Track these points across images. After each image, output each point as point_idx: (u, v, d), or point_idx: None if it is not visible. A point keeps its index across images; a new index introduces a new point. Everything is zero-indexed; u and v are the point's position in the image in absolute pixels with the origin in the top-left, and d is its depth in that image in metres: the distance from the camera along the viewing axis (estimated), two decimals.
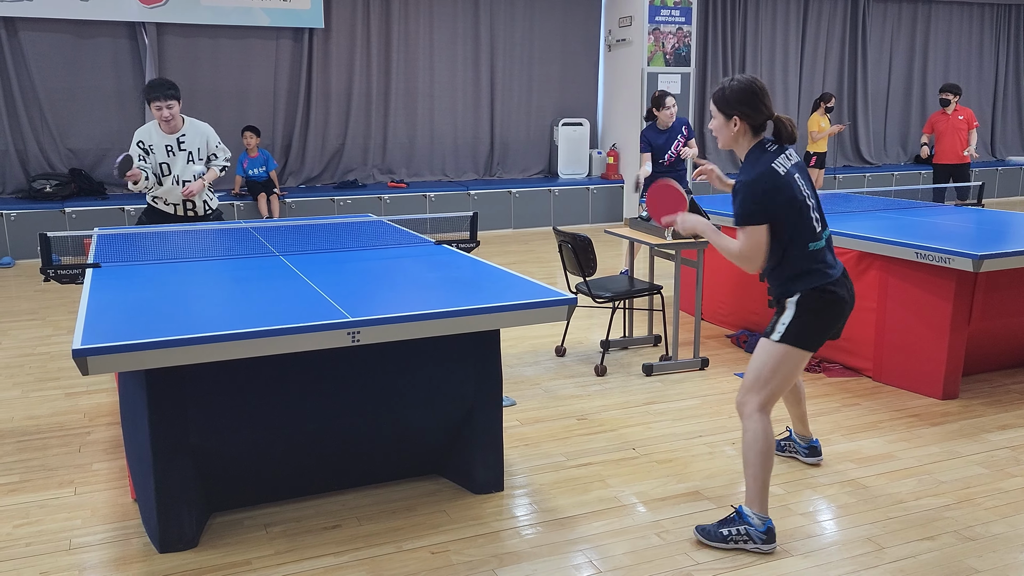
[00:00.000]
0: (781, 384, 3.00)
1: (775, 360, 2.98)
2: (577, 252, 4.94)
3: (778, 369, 2.98)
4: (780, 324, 2.99)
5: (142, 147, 4.99)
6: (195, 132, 5.09)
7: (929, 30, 13.40)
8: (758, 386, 3.01)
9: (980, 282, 4.39)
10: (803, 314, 2.96)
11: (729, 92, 2.98)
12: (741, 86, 2.96)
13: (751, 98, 2.95)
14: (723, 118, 3.01)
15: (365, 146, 10.56)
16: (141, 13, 9.10)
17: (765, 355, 3.00)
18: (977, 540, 3.08)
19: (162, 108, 4.89)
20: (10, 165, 9.19)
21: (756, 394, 3.00)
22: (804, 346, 2.98)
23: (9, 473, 3.68)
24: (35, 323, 6.24)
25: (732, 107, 2.97)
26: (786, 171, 2.93)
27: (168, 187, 5.08)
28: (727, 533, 3.01)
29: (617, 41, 11.07)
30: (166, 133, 5.01)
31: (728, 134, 3.03)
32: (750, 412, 3.01)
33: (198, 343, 2.62)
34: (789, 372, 3.00)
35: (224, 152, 5.25)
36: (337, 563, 2.94)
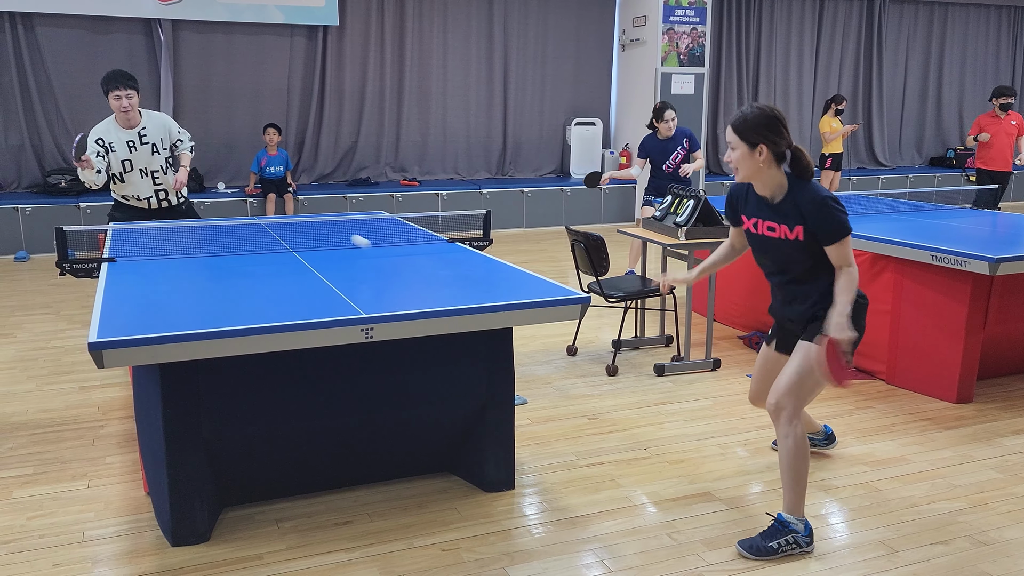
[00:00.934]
0: (816, 391, 2.99)
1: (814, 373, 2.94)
2: (589, 251, 4.94)
3: (816, 381, 2.96)
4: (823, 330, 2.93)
5: (101, 144, 4.85)
6: (154, 124, 4.96)
7: (945, 32, 13.32)
8: (800, 392, 2.94)
9: (996, 285, 4.36)
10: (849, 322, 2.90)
11: (753, 120, 2.87)
12: (765, 113, 2.87)
13: (776, 124, 2.86)
14: (746, 148, 2.88)
15: (378, 144, 10.58)
16: (157, 9, 9.14)
17: (805, 360, 2.93)
18: (991, 545, 3.06)
19: (121, 98, 4.76)
20: (26, 160, 9.26)
21: (796, 398, 2.94)
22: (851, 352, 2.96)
23: (23, 465, 3.71)
24: (49, 317, 6.28)
25: (758, 134, 2.86)
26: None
27: (136, 181, 4.96)
28: (776, 546, 2.96)
29: (631, 41, 11.05)
30: (124, 128, 4.89)
31: (752, 165, 2.90)
32: (789, 417, 2.94)
33: (212, 338, 2.63)
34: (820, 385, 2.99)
35: (185, 134, 5.13)
36: (348, 559, 2.95)
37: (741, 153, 2.90)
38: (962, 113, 13.68)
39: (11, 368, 5.08)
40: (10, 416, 4.30)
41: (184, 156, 5.10)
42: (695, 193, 5.01)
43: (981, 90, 13.74)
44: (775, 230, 2.99)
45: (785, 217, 2.94)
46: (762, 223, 3.03)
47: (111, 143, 4.88)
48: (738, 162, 2.92)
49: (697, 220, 4.94)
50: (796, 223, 2.92)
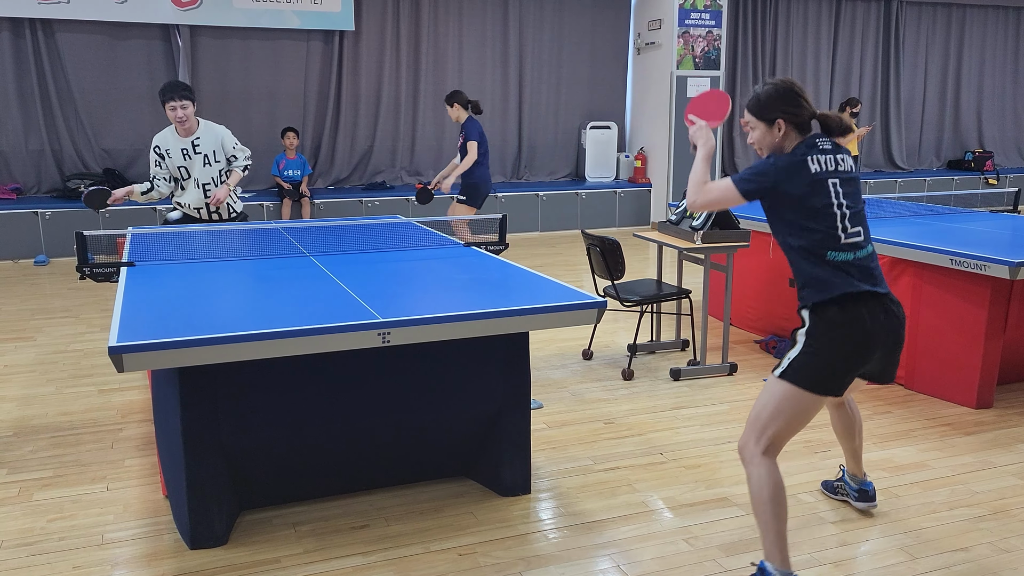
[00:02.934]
0: (785, 429, 2.66)
1: (777, 400, 2.65)
2: (605, 255, 4.93)
3: (780, 411, 2.64)
4: (786, 359, 2.69)
5: (158, 152, 5.02)
6: (209, 134, 5.06)
7: (963, 34, 13.22)
8: (758, 428, 2.68)
9: (1016, 290, 4.32)
10: (810, 346, 2.64)
11: (766, 96, 2.79)
12: (777, 87, 2.79)
13: (791, 95, 2.77)
14: (764, 126, 2.80)
15: (394, 148, 10.61)
16: (175, 15, 9.21)
17: (767, 394, 2.69)
18: (1012, 552, 3.03)
19: (176, 108, 4.88)
20: (46, 165, 9.35)
21: (756, 438, 2.67)
22: (810, 387, 2.62)
23: (43, 468, 3.74)
24: (69, 320, 6.34)
25: (773, 111, 2.77)
26: (819, 171, 2.69)
27: (191, 190, 5.08)
28: None
29: (646, 44, 11.03)
30: (181, 136, 5.01)
31: (772, 140, 2.80)
32: (750, 456, 2.68)
33: (231, 342, 2.65)
34: (794, 416, 2.64)
35: (243, 152, 5.20)
36: (365, 563, 2.96)
37: (760, 132, 2.83)
38: (981, 116, 13.57)
39: (32, 371, 5.13)
40: (31, 419, 4.34)
41: (235, 174, 5.12)
42: None
43: (1000, 92, 13.63)
44: None
45: None
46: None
47: (168, 150, 5.02)
48: (759, 141, 2.84)
49: (714, 224, 4.93)
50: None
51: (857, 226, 2.73)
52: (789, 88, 2.79)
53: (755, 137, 2.85)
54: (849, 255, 2.69)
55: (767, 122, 2.80)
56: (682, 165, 10.73)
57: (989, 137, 13.65)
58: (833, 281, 2.66)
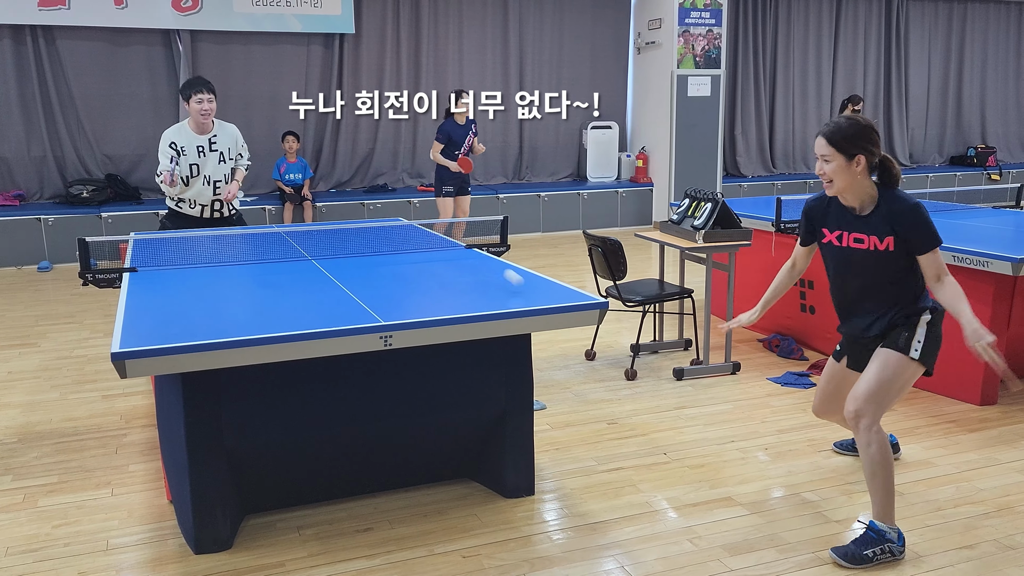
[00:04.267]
0: (897, 399, 3.04)
1: (907, 376, 2.98)
2: (607, 256, 4.93)
3: (906, 385, 3.00)
4: (916, 341, 2.96)
5: (175, 148, 4.98)
6: (225, 133, 5.12)
7: (965, 30, 13.19)
8: (881, 399, 2.95)
9: (1019, 286, 4.31)
10: (932, 334, 2.99)
11: (851, 131, 2.86)
12: (858, 123, 2.87)
13: (872, 134, 2.87)
14: (844, 159, 2.86)
15: (395, 150, 10.62)
16: (176, 20, 9.23)
17: (897, 370, 2.95)
18: (1018, 549, 3.03)
19: (203, 101, 4.92)
20: (48, 171, 9.37)
21: (878, 406, 2.94)
22: (930, 365, 3.02)
23: (48, 474, 3.75)
24: (72, 326, 6.35)
25: (858, 146, 2.85)
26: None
27: (198, 188, 5.07)
28: (872, 555, 2.91)
29: (647, 44, 11.03)
30: (197, 134, 5.02)
31: (850, 176, 2.89)
32: (869, 424, 2.92)
33: (233, 347, 2.65)
34: (906, 389, 3.04)
35: (247, 152, 5.30)
36: (369, 566, 2.96)
37: (838, 165, 2.87)
38: (984, 111, 13.54)
39: (36, 377, 5.14)
40: (35, 425, 4.35)
41: (239, 171, 5.22)
42: (713, 196, 4.99)
43: (1002, 88, 13.60)
44: (863, 242, 2.97)
45: (874, 228, 2.94)
46: (847, 235, 3.01)
47: (183, 147, 5.00)
48: (833, 174, 2.89)
49: (715, 223, 4.92)
50: (886, 234, 2.92)
51: None
52: (870, 127, 2.89)
53: (829, 169, 2.90)
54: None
55: (847, 155, 2.86)
56: (683, 164, 10.72)
57: (992, 133, 13.62)
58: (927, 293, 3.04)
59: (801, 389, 4.73)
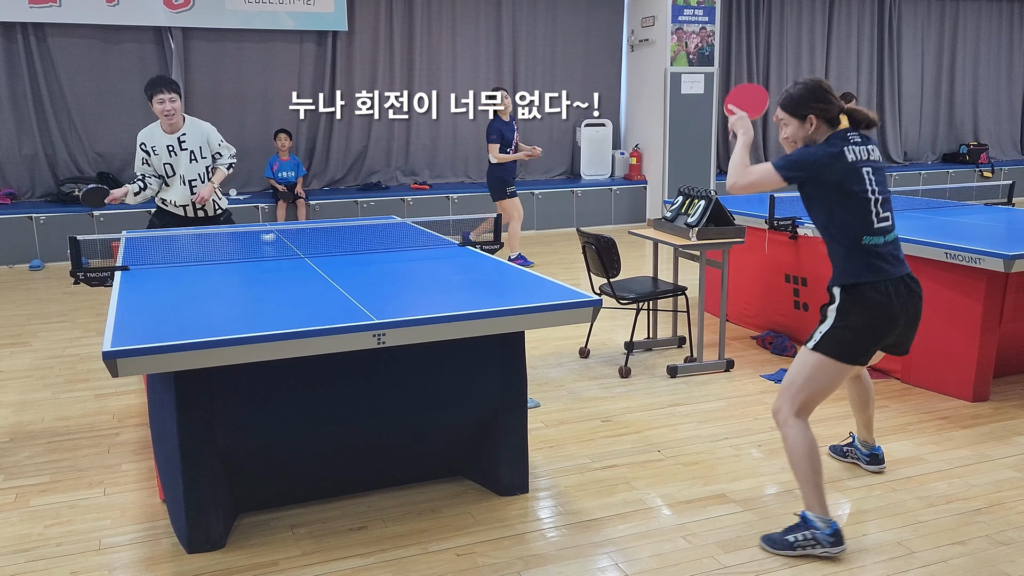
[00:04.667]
0: (816, 394, 2.98)
1: (809, 369, 2.96)
2: (601, 253, 4.93)
3: (812, 378, 2.96)
4: (817, 332, 2.98)
5: (144, 149, 4.96)
6: (195, 131, 5.01)
7: (957, 28, 13.22)
8: (791, 393, 2.99)
9: (1011, 282, 4.33)
10: (841, 321, 2.93)
11: (798, 94, 3.02)
12: (809, 85, 3.02)
13: (822, 92, 2.99)
14: (797, 121, 3.02)
15: (388, 148, 10.60)
16: (167, 17, 9.19)
17: (800, 362, 3.00)
18: (1010, 545, 3.04)
19: (164, 101, 4.82)
20: (39, 169, 9.32)
21: (790, 402, 2.99)
22: (840, 358, 2.94)
23: (40, 474, 3.73)
24: (64, 325, 6.32)
25: (806, 106, 2.99)
26: (855, 160, 2.94)
27: (176, 186, 5.03)
28: (793, 540, 2.96)
29: (640, 41, 11.03)
30: (167, 132, 4.95)
31: (805, 134, 3.02)
32: (784, 419, 3.00)
33: (225, 345, 2.64)
34: (825, 383, 2.97)
35: (228, 149, 5.17)
36: (363, 564, 2.95)
37: (793, 127, 3.04)
38: (976, 109, 13.57)
39: (27, 376, 5.12)
40: (27, 424, 4.33)
41: (219, 171, 5.09)
42: (706, 193, 4.99)
43: (994, 85, 13.63)
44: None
45: None
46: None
47: (153, 146, 4.97)
48: (792, 135, 3.05)
49: (709, 220, 4.93)
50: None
51: (887, 211, 3.00)
52: (819, 86, 3.02)
53: (788, 132, 3.07)
54: (880, 239, 2.96)
55: (800, 118, 3.02)
56: (676, 161, 10.73)
57: (984, 130, 13.66)
58: (867, 265, 2.92)
59: None
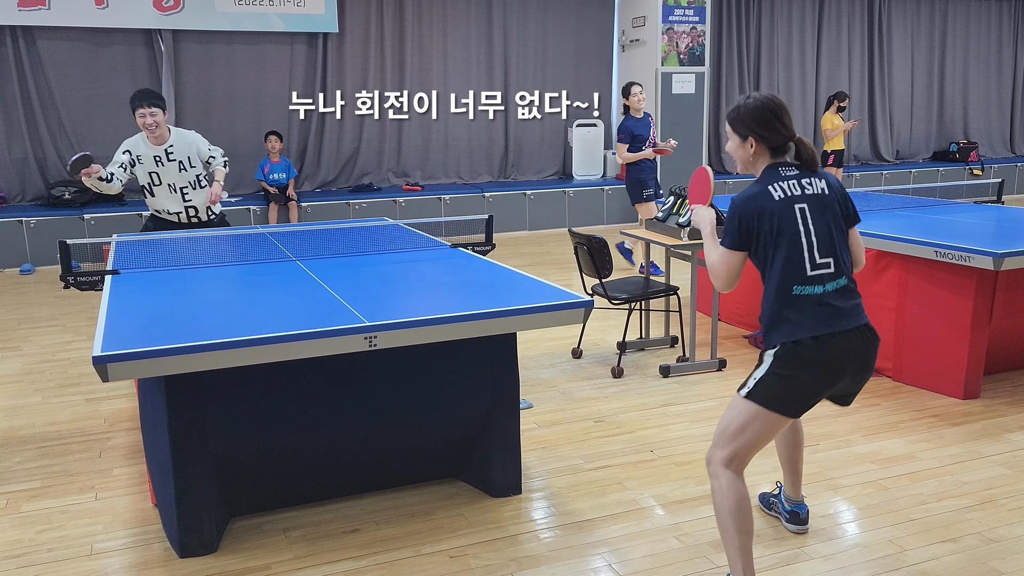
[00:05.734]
0: (750, 445, 2.61)
1: (743, 418, 2.60)
2: (592, 254, 4.93)
3: (746, 427, 2.59)
4: (751, 378, 2.62)
5: (129, 157, 4.93)
6: (182, 142, 5.01)
7: (947, 26, 13.28)
8: (723, 441, 2.63)
9: (1001, 280, 4.35)
10: (776, 371, 2.56)
11: (744, 111, 2.71)
12: (756, 105, 2.69)
13: (767, 117, 2.67)
14: (738, 139, 2.74)
15: (380, 149, 10.59)
16: (157, 20, 9.17)
17: (735, 410, 2.64)
18: (1001, 542, 3.05)
19: (145, 115, 4.80)
20: (29, 172, 9.29)
21: (721, 450, 2.63)
22: (775, 409, 2.56)
23: (31, 479, 3.72)
24: (55, 329, 6.30)
25: (747, 127, 2.70)
26: (783, 197, 2.60)
27: (164, 195, 5.03)
28: None
29: (631, 41, 11.05)
30: (154, 144, 4.94)
31: (744, 156, 2.75)
32: (715, 469, 2.63)
33: (216, 349, 2.64)
34: (759, 433, 2.60)
35: (218, 151, 5.17)
36: (356, 567, 2.95)
37: (734, 144, 2.77)
38: (967, 107, 13.64)
39: (18, 381, 5.10)
40: (17, 429, 4.31)
41: (218, 171, 5.12)
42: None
43: (984, 84, 13.70)
44: None
45: None
46: None
47: (139, 156, 4.96)
48: (732, 152, 2.79)
49: None
50: None
51: (827, 256, 2.60)
52: (767, 108, 2.69)
53: (730, 147, 2.81)
54: (817, 288, 2.58)
55: (740, 136, 2.74)
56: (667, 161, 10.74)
57: (975, 128, 13.73)
58: (799, 323, 2.56)
59: None
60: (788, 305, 2.59)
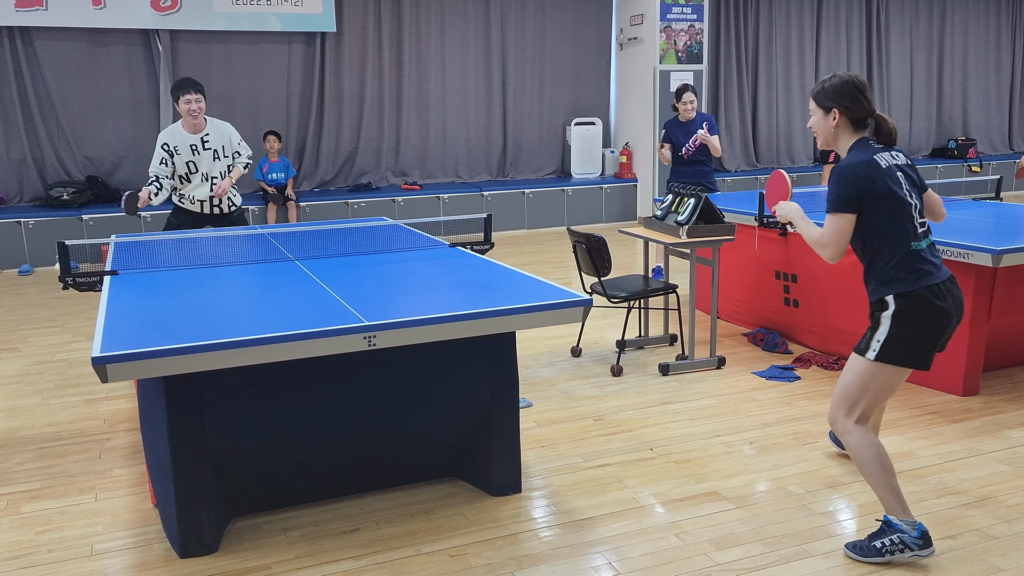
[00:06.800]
0: (874, 400, 2.91)
1: (868, 377, 2.88)
2: (591, 252, 4.93)
3: (869, 386, 2.88)
4: (875, 341, 2.86)
5: (166, 149, 5.21)
6: (217, 131, 5.31)
7: (945, 23, 13.28)
8: (848, 403, 2.92)
9: (999, 277, 4.35)
10: (899, 328, 2.82)
11: (828, 86, 2.96)
12: (840, 80, 2.94)
13: (850, 90, 2.92)
14: (822, 112, 2.97)
15: (378, 149, 10.58)
16: (155, 20, 9.16)
17: (856, 372, 2.90)
18: (1000, 538, 3.05)
19: (191, 101, 5.12)
20: (27, 173, 9.28)
21: (847, 411, 2.93)
22: (904, 363, 2.86)
23: (31, 480, 3.72)
24: (54, 330, 6.30)
25: (831, 99, 2.94)
26: (888, 165, 2.87)
27: (197, 183, 5.30)
28: (881, 546, 2.88)
29: (629, 39, 11.04)
30: (190, 133, 5.21)
31: (827, 129, 2.97)
32: (843, 428, 2.94)
33: (215, 349, 2.64)
34: (884, 388, 2.90)
35: (246, 150, 5.47)
36: (356, 567, 2.95)
37: (817, 117, 3.00)
38: (965, 104, 13.64)
39: (17, 382, 5.09)
40: (17, 430, 4.31)
41: (236, 170, 5.39)
42: (696, 191, 5.00)
43: (983, 81, 13.70)
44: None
45: None
46: None
47: (176, 147, 5.22)
48: (815, 125, 3.01)
49: (699, 218, 4.94)
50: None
51: (923, 217, 2.95)
52: (850, 83, 2.93)
53: (812, 121, 3.03)
54: (924, 243, 2.89)
55: (824, 109, 2.97)
56: None
57: (973, 125, 13.73)
58: (919, 270, 2.84)
59: (786, 383, 4.76)
60: (907, 259, 2.85)
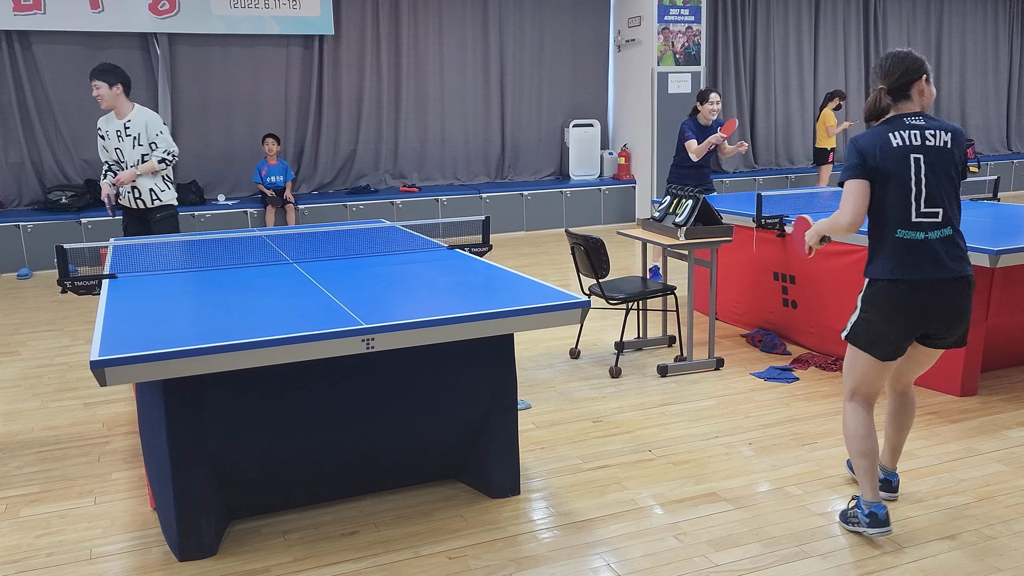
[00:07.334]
0: (859, 382, 3.02)
1: (850, 358, 3.03)
2: (590, 254, 4.94)
3: (852, 367, 3.02)
4: (849, 323, 3.00)
5: (100, 133, 5.30)
6: (139, 118, 5.25)
7: (943, 23, 13.30)
8: (845, 378, 3.09)
9: (997, 277, 4.35)
10: (865, 311, 2.92)
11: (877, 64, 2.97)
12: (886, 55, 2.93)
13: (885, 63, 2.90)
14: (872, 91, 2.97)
15: (377, 151, 10.59)
16: (153, 23, 9.17)
17: (847, 350, 3.06)
18: (998, 539, 3.06)
19: (93, 88, 5.12)
20: (26, 177, 9.28)
21: (846, 389, 3.09)
22: (867, 351, 2.93)
23: (30, 483, 3.72)
24: (53, 334, 6.30)
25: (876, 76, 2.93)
26: (900, 145, 2.80)
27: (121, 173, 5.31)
28: (845, 516, 3.12)
29: (627, 41, 11.05)
30: (116, 119, 5.23)
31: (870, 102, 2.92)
32: (844, 400, 3.11)
33: (214, 352, 2.64)
34: (862, 373, 2.99)
35: (166, 143, 5.24)
36: (355, 569, 2.95)
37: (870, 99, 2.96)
38: (964, 105, 13.65)
39: (16, 386, 5.09)
40: (16, 434, 4.31)
41: (148, 163, 5.22)
42: (693, 192, 5.01)
43: (981, 81, 13.72)
44: None
45: None
46: None
47: (107, 131, 5.26)
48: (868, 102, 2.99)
49: (697, 220, 4.94)
50: None
51: (935, 207, 2.79)
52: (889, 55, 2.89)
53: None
54: (919, 234, 2.79)
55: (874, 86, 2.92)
56: (665, 161, 10.76)
57: (971, 126, 13.75)
58: (902, 260, 2.79)
59: (784, 384, 4.76)
60: (889, 245, 2.82)
